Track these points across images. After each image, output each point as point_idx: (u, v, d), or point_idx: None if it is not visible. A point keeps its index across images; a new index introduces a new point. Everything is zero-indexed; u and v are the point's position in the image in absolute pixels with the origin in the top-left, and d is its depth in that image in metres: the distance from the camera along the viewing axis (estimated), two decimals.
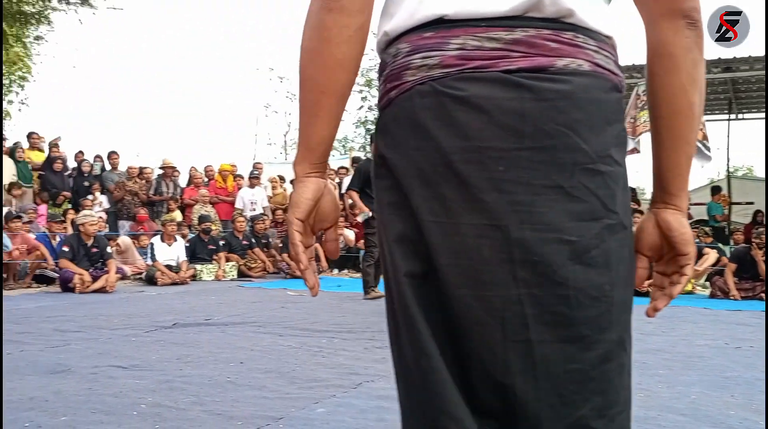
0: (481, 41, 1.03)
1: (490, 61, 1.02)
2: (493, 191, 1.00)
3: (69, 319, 6.02)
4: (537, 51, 1.03)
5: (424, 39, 1.06)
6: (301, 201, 1.12)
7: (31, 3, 14.81)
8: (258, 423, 2.94)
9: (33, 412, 3.03)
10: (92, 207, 11.11)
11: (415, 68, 1.06)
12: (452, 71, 1.03)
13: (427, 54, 1.05)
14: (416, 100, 1.05)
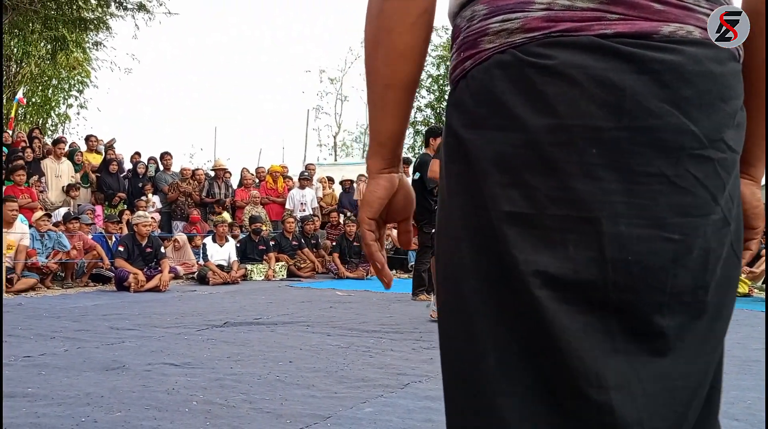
0: (572, 0, 0.88)
1: (583, 23, 0.88)
2: (584, 177, 0.85)
3: (124, 317, 6.17)
4: (639, 13, 0.88)
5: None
6: (372, 200, 1.06)
7: (90, 9, 15.19)
8: (306, 421, 2.96)
9: (89, 407, 3.11)
10: (146, 208, 11.36)
11: (494, 34, 0.92)
12: (537, 36, 0.89)
13: (507, 16, 0.91)
14: (495, 71, 0.91)
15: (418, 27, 0.97)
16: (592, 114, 0.85)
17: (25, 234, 8.77)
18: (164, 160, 12.88)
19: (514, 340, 0.89)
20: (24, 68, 18.57)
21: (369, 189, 1.07)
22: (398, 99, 1.01)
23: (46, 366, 3.95)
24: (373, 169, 1.06)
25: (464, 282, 0.93)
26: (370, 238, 1.07)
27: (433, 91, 21.77)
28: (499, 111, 0.90)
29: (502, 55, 0.91)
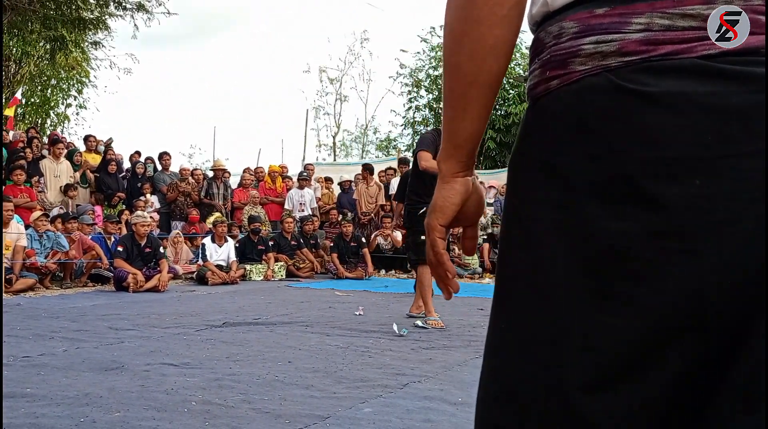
0: (673, 19, 0.82)
1: (685, 45, 0.82)
2: (687, 210, 0.79)
3: (123, 317, 6.17)
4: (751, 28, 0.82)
5: (597, 17, 0.85)
6: (446, 206, 1.00)
7: (90, 9, 15.18)
8: (305, 422, 2.97)
9: (88, 407, 3.11)
10: (144, 208, 11.36)
11: (586, 56, 0.85)
12: (634, 60, 0.82)
13: (601, 37, 0.84)
14: (587, 96, 0.85)
15: (510, 19, 0.89)
16: (696, 143, 0.79)
17: (21, 234, 8.76)
18: (163, 161, 12.88)
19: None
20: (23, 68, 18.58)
21: (443, 194, 1.00)
22: (482, 97, 0.93)
23: (44, 366, 3.95)
24: (448, 172, 0.99)
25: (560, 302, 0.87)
26: (441, 246, 1.02)
27: (432, 91, 21.78)
28: (592, 139, 0.84)
29: (596, 79, 0.84)
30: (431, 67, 21.79)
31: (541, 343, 0.87)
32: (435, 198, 1.01)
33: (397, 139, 24.94)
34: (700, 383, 0.82)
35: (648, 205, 0.80)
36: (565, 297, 0.85)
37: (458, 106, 0.95)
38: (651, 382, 0.82)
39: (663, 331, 0.81)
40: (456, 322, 6.07)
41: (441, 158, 1.00)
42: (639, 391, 0.82)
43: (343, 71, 26.89)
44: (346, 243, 11.35)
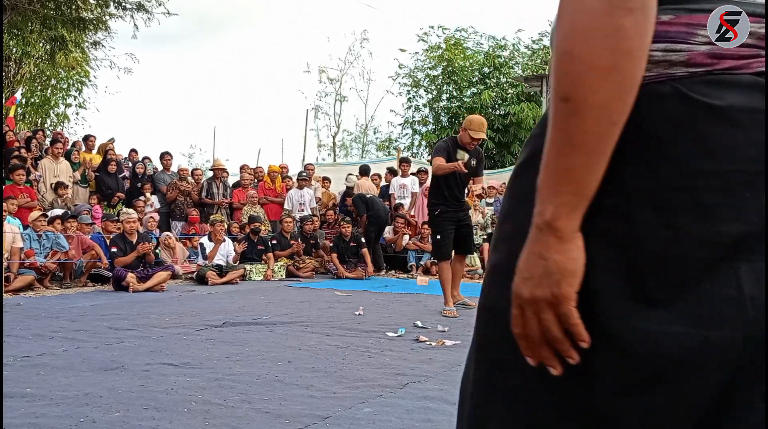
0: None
1: (744, 61, 0.83)
2: (735, 222, 0.81)
3: (123, 317, 6.17)
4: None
5: (665, 24, 0.84)
6: (578, 269, 0.84)
7: (89, 9, 15.17)
8: (305, 421, 2.97)
9: (87, 407, 3.11)
10: (144, 207, 11.35)
11: (654, 62, 0.83)
12: (699, 71, 0.83)
13: (671, 45, 0.84)
14: (654, 104, 0.83)
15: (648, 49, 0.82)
16: (753, 158, 0.82)
17: (15, 234, 8.71)
18: (164, 161, 12.88)
19: None
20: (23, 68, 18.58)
21: (570, 256, 0.84)
22: (617, 137, 0.82)
23: (44, 366, 3.95)
24: (572, 229, 0.84)
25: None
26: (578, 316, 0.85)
27: (430, 90, 21.77)
28: (652, 146, 0.83)
29: (662, 87, 0.83)
30: (429, 66, 21.77)
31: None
32: (558, 262, 0.84)
33: (397, 139, 24.94)
34: (732, 394, 0.84)
35: (702, 216, 0.81)
36: (604, 300, 0.85)
37: (597, 150, 0.81)
38: (688, 388, 0.84)
39: (706, 339, 0.82)
40: (456, 322, 6.08)
41: (563, 214, 0.83)
42: (675, 396, 0.84)
43: (343, 71, 26.88)
44: (346, 243, 11.35)
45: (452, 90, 20.99)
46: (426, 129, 21.81)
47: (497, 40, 21.06)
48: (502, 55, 20.64)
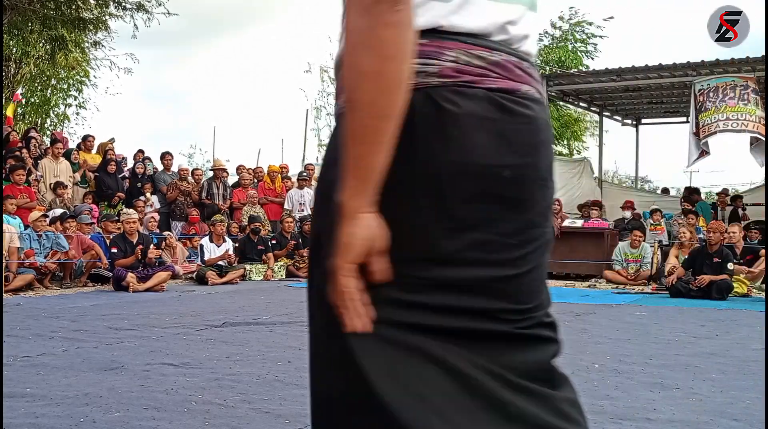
0: (470, 57, 1.09)
1: (478, 78, 1.08)
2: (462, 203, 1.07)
3: (122, 317, 6.16)
4: (508, 75, 1.11)
5: (422, 45, 1.06)
6: (356, 244, 1.02)
7: (89, 9, 15.16)
8: (305, 421, 2.96)
9: (88, 407, 3.11)
10: (144, 207, 11.34)
11: (415, 73, 1.05)
12: (448, 82, 1.07)
13: (426, 61, 1.07)
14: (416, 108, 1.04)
15: (412, 54, 1.02)
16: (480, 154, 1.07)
17: (13, 234, 8.69)
18: (164, 161, 12.86)
19: None
20: (23, 68, 18.56)
21: (352, 231, 1.02)
22: (391, 130, 1.01)
23: (44, 366, 3.95)
24: (357, 209, 1.02)
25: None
26: (353, 285, 1.03)
27: None
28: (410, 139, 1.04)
29: (418, 93, 1.05)
30: None
31: None
32: (341, 236, 1.03)
33: None
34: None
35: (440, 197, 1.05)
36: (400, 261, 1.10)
37: (372, 141, 1.00)
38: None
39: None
40: None
41: (349, 196, 1.02)
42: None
43: None
44: None
45: None
46: None
47: None
48: None
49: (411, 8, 1.00)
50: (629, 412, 3.18)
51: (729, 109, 11.50)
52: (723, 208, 13.06)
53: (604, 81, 13.70)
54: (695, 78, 12.23)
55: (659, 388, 3.69)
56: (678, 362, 4.41)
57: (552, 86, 14.26)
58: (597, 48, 20.24)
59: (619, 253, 10.80)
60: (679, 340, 5.31)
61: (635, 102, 15.94)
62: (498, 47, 1.11)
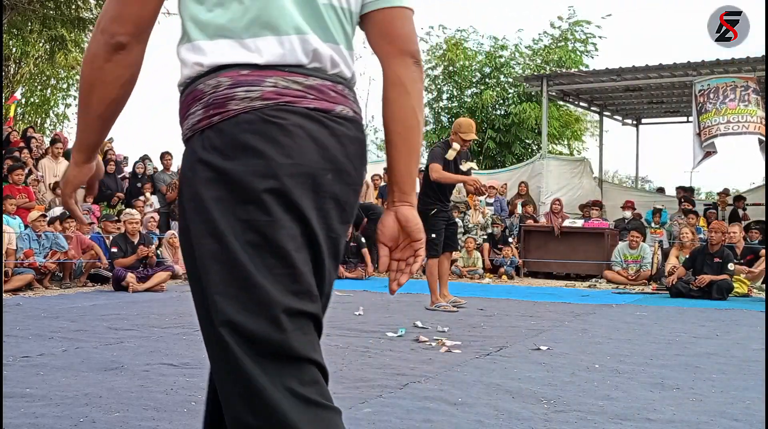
0: (288, 83, 1.34)
1: (297, 98, 1.34)
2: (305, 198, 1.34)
3: (122, 317, 6.16)
4: (323, 96, 1.38)
5: (243, 76, 1.33)
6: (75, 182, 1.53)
7: (89, 9, 15.16)
8: None
9: (87, 407, 3.10)
10: (143, 207, 11.33)
11: (239, 99, 1.32)
12: (271, 103, 1.33)
13: (249, 88, 1.33)
14: (243, 125, 1.31)
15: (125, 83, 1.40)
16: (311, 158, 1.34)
17: (10, 234, 8.68)
18: (164, 160, 12.85)
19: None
20: (23, 68, 18.56)
21: (74, 173, 1.51)
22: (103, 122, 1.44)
23: (44, 366, 3.94)
24: (80, 161, 1.51)
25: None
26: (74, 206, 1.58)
27: (431, 90, 21.72)
28: (248, 151, 1.30)
29: (247, 115, 1.32)
30: (430, 67, 21.74)
31: None
32: (68, 174, 1.52)
33: None
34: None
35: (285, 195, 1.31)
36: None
37: (88, 128, 1.46)
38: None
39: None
40: (456, 322, 6.07)
41: (75, 149, 1.50)
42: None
43: None
44: (346, 243, 11.32)
45: (452, 90, 20.94)
46: (426, 129, 21.78)
47: (498, 40, 21.04)
48: (503, 55, 20.59)
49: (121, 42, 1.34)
50: (629, 412, 3.18)
51: (730, 111, 11.50)
52: (723, 208, 13.05)
53: (604, 81, 13.71)
54: (695, 78, 12.23)
55: (659, 388, 3.69)
56: (678, 362, 4.41)
57: (552, 86, 14.27)
58: (596, 48, 20.22)
59: (619, 255, 10.80)
60: (679, 340, 5.31)
61: (635, 102, 15.95)
62: (312, 74, 1.37)
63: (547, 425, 2.98)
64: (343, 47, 1.43)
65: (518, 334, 5.41)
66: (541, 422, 3.02)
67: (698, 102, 11.85)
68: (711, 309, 7.53)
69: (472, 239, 11.76)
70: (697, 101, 11.87)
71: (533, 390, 3.57)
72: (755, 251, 9.89)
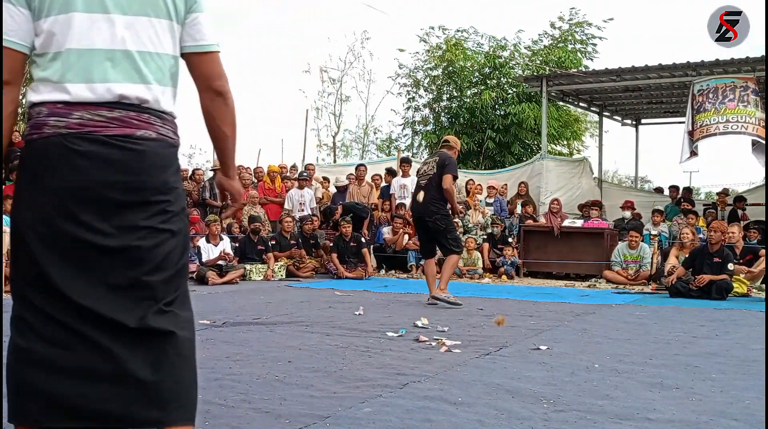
0: (93, 115, 1.85)
1: (97, 128, 1.85)
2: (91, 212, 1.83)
3: None
4: (126, 124, 1.88)
5: (57, 108, 1.85)
6: None
7: None
8: (305, 421, 2.97)
9: None
10: None
11: (51, 126, 1.84)
12: (74, 132, 1.83)
13: (58, 118, 1.84)
14: (51, 147, 1.83)
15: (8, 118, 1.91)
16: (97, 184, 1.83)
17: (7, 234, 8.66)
18: None
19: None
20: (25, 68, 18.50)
21: None
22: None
23: None
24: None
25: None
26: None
27: (431, 90, 21.70)
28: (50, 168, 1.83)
29: (55, 139, 1.83)
30: (429, 67, 21.71)
31: None
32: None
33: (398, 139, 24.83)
34: None
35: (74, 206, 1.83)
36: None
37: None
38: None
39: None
40: (456, 322, 6.08)
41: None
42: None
43: (343, 71, 26.81)
44: (346, 243, 11.34)
45: (452, 90, 20.92)
46: (426, 129, 21.73)
47: (497, 41, 21.01)
48: (503, 56, 20.58)
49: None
50: (629, 412, 3.18)
51: (729, 111, 11.50)
52: (723, 208, 13.06)
53: (604, 81, 13.71)
54: (695, 78, 12.23)
55: (659, 388, 3.70)
56: (678, 362, 4.41)
57: (552, 86, 14.27)
58: (596, 49, 20.23)
59: (618, 255, 10.81)
60: (679, 340, 5.31)
61: (635, 102, 15.95)
62: (118, 108, 1.87)
63: (547, 425, 2.99)
64: (154, 85, 1.93)
65: (518, 334, 5.42)
66: (541, 422, 3.02)
67: (696, 101, 11.85)
68: (710, 309, 7.53)
69: (472, 239, 11.76)
70: (695, 101, 11.86)
71: (533, 390, 3.58)
72: (754, 251, 9.89)
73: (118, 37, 1.88)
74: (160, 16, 1.93)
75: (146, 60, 1.90)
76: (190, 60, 2.01)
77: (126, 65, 1.88)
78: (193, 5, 1.99)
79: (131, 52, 1.89)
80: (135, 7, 1.90)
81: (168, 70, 1.96)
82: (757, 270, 9.50)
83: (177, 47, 1.98)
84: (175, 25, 1.96)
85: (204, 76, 2.01)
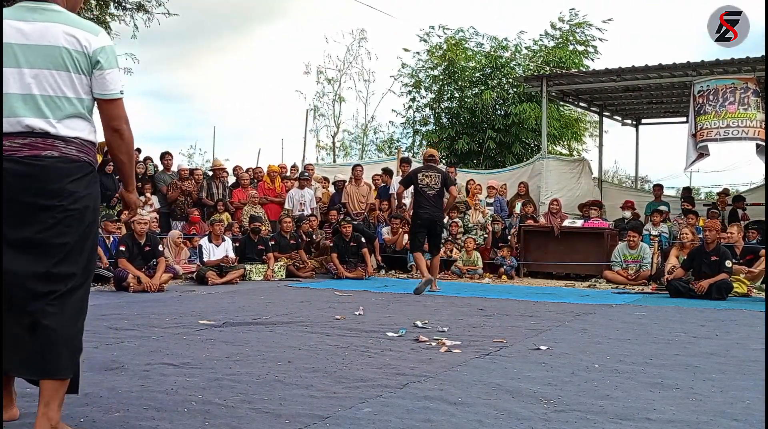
0: (11, 142, 2.52)
1: (15, 151, 2.51)
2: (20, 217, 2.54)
3: (123, 317, 6.16)
4: (34, 148, 2.54)
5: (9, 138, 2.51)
6: None
7: (89, 9, 15.15)
8: (305, 421, 2.97)
9: (87, 407, 3.11)
10: (143, 207, 11.32)
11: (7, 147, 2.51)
12: (9, 153, 2.51)
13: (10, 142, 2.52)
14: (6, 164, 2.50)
15: None
16: (15, 191, 2.51)
17: None
18: (164, 161, 12.84)
19: None
20: None
21: None
22: None
23: None
24: None
25: None
26: None
27: (433, 91, 21.69)
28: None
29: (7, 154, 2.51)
30: (430, 67, 21.70)
31: None
32: None
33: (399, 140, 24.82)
34: None
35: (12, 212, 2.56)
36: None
37: None
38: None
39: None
40: (456, 322, 6.08)
41: None
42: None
43: (341, 71, 26.80)
44: (346, 243, 11.34)
45: (453, 90, 20.91)
46: (426, 129, 21.72)
47: (498, 41, 20.99)
48: (504, 56, 20.56)
49: None
50: (629, 412, 3.18)
51: (729, 115, 11.49)
52: (723, 208, 13.05)
53: (604, 81, 13.71)
54: (695, 78, 12.23)
55: (659, 388, 3.70)
56: (678, 362, 4.41)
57: (552, 86, 14.27)
58: (597, 50, 20.21)
59: (618, 255, 10.80)
60: (679, 340, 5.31)
61: (635, 102, 15.95)
62: (29, 136, 2.54)
63: (547, 425, 2.99)
64: (53, 120, 2.57)
65: (518, 334, 5.41)
66: (540, 422, 3.02)
67: (696, 103, 11.84)
68: (711, 309, 7.53)
69: (472, 239, 11.76)
70: (696, 102, 11.85)
71: (533, 390, 3.58)
72: (755, 251, 9.89)
73: (26, 84, 2.56)
74: (59, 69, 2.57)
75: (47, 101, 2.57)
76: (98, 103, 2.69)
77: (32, 105, 2.56)
78: (97, 65, 2.62)
79: (35, 95, 2.56)
80: (39, 62, 2.56)
81: (67, 107, 2.60)
82: (757, 270, 9.50)
83: (80, 91, 2.62)
84: (76, 76, 2.60)
85: (106, 117, 2.69)
